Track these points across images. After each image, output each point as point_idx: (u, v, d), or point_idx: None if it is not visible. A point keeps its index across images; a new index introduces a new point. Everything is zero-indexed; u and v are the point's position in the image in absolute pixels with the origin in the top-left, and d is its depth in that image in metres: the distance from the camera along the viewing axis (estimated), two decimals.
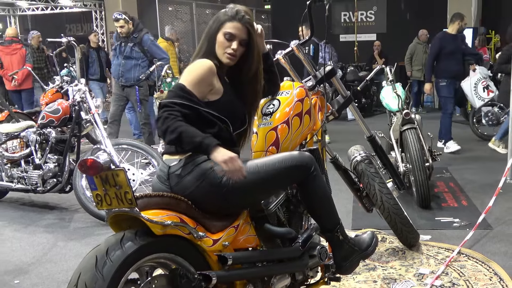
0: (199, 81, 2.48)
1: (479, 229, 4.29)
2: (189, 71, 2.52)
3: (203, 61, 2.53)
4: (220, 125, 2.52)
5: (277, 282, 2.61)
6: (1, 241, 4.59)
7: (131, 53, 7.17)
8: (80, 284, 2.01)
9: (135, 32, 7.17)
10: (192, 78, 2.48)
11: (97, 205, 2.18)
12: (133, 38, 7.15)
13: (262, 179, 2.50)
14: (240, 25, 2.58)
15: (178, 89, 2.46)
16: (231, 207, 2.52)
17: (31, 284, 3.67)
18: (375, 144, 3.85)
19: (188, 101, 2.42)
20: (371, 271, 3.65)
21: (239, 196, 2.48)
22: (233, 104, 2.62)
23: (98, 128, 5.06)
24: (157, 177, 2.52)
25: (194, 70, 2.51)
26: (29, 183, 5.30)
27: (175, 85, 2.51)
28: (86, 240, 4.52)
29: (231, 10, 2.60)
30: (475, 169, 6.66)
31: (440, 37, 7.61)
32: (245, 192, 2.48)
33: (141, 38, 7.16)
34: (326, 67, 3.10)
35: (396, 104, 5.57)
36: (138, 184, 4.96)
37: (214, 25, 2.61)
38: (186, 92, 2.44)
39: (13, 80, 9.66)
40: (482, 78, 8.04)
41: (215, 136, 2.42)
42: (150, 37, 7.31)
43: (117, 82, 7.40)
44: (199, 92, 2.47)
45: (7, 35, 10.04)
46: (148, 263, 2.25)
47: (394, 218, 3.78)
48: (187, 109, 2.41)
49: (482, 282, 3.40)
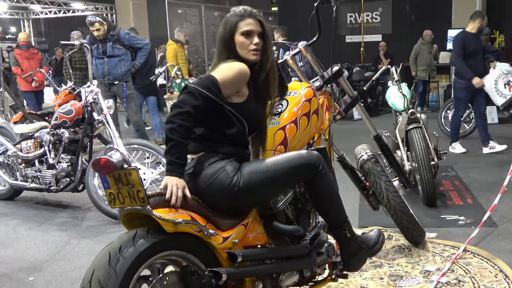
0: (231, 83, 2.50)
1: (484, 227, 4.27)
2: (225, 70, 2.51)
3: (240, 65, 2.53)
4: (238, 126, 2.53)
5: (285, 279, 2.62)
6: (16, 239, 4.61)
7: (113, 51, 7.12)
8: (93, 281, 2.02)
9: (111, 30, 7.12)
10: (226, 77, 2.48)
11: (110, 203, 2.19)
12: (110, 37, 7.08)
13: (271, 178, 2.50)
14: (252, 19, 2.60)
15: (209, 81, 2.44)
16: (241, 205, 2.53)
17: (45, 281, 3.69)
18: (382, 143, 3.84)
19: (216, 96, 2.42)
20: (377, 268, 3.65)
21: (249, 195, 2.48)
22: (253, 108, 2.63)
23: (110, 129, 5.08)
24: None
25: (230, 70, 2.51)
26: (43, 182, 5.33)
27: (207, 76, 2.48)
28: (99, 238, 4.54)
29: (238, 11, 2.63)
30: (480, 167, 6.63)
31: (462, 36, 7.42)
32: (255, 191, 2.49)
33: (118, 35, 7.14)
34: (333, 68, 3.10)
35: (401, 103, 5.57)
36: (148, 183, 4.97)
37: (227, 29, 2.60)
38: (216, 88, 2.44)
39: (34, 81, 10.16)
40: (502, 74, 7.92)
41: (231, 136, 2.49)
42: (125, 30, 7.39)
43: (102, 81, 7.18)
44: (226, 92, 2.48)
45: (21, 40, 10.25)
46: (160, 260, 2.26)
47: (400, 216, 3.77)
48: (210, 103, 2.41)
49: (488, 279, 3.39)
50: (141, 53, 7.35)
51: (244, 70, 2.53)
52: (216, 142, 2.51)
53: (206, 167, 2.44)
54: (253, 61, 2.61)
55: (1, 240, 4.60)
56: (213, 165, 2.44)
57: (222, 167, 2.43)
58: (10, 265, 4.01)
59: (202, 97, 2.38)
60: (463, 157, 7.26)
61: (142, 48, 7.29)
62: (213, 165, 2.45)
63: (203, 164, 2.45)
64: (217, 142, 2.51)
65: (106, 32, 7.01)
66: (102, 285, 2.01)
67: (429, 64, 11.79)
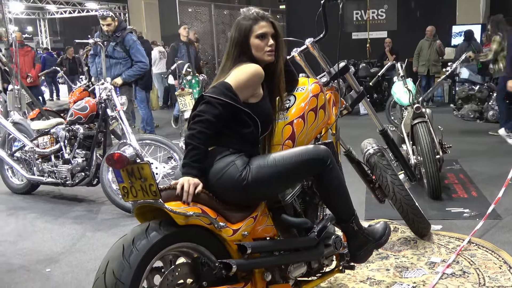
0: (246, 85, 2.51)
1: (488, 219, 4.25)
2: (239, 73, 2.52)
3: (255, 67, 2.54)
4: (252, 126, 2.53)
5: (293, 270, 2.62)
6: (33, 232, 4.64)
7: (113, 53, 6.69)
8: (108, 272, 2.03)
9: (118, 31, 6.71)
10: (241, 81, 2.49)
11: (124, 197, 2.20)
12: (115, 37, 6.67)
13: (279, 173, 2.50)
14: (265, 22, 2.61)
15: (224, 88, 2.45)
16: (250, 199, 2.52)
17: (61, 272, 3.71)
18: (387, 138, 3.83)
19: (233, 100, 2.44)
20: (384, 259, 3.64)
21: (258, 189, 2.48)
22: (267, 108, 2.64)
23: (123, 124, 5.09)
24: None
25: (244, 74, 2.51)
26: (59, 177, 5.36)
27: (221, 83, 2.48)
28: (113, 230, 4.55)
29: (249, 14, 2.63)
30: (484, 161, 6.60)
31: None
32: (263, 185, 2.48)
33: (123, 38, 6.69)
34: (340, 64, 3.09)
35: (407, 98, 5.54)
36: (161, 177, 4.98)
37: (242, 33, 2.60)
38: (232, 93, 2.45)
39: (29, 77, 10.68)
40: None
41: (244, 135, 2.50)
42: (133, 37, 6.85)
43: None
44: (242, 95, 2.49)
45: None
46: (172, 252, 2.27)
47: (406, 209, 3.76)
48: (229, 109, 2.43)
49: (492, 270, 3.37)
50: (133, 68, 6.73)
51: (259, 71, 2.54)
52: (228, 137, 2.51)
53: (216, 161, 2.44)
54: (268, 62, 2.62)
55: (19, 233, 4.63)
56: (223, 160, 2.44)
57: (232, 161, 2.43)
58: (28, 257, 4.03)
59: (220, 105, 2.40)
60: (468, 151, 7.21)
61: (137, 64, 6.69)
62: (223, 159, 2.45)
63: (214, 158, 2.45)
64: (229, 137, 2.51)
65: (113, 31, 6.67)
66: (116, 276, 2.01)
67: (428, 60, 11.76)
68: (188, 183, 2.29)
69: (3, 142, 6.06)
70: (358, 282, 3.30)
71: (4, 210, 5.40)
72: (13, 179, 6.08)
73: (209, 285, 2.26)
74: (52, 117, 6.22)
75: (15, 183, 6.05)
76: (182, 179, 2.31)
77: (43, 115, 6.41)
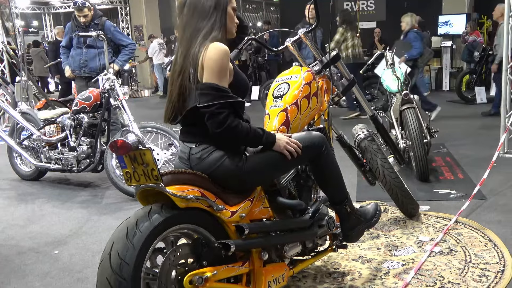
0: (225, 72, 2.32)
1: (474, 200, 4.26)
2: (212, 65, 2.28)
3: (221, 49, 2.30)
4: (242, 106, 2.40)
5: (289, 249, 2.62)
6: (41, 216, 4.64)
7: (94, 42, 5.96)
8: (113, 253, 2.03)
9: (95, 19, 6.10)
10: (218, 71, 2.28)
11: (127, 181, 2.19)
12: (94, 25, 6.04)
13: (276, 160, 2.48)
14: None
15: (212, 90, 2.27)
16: (247, 185, 2.50)
17: (69, 254, 3.72)
18: (377, 123, 3.82)
19: (227, 98, 2.30)
20: (375, 239, 3.65)
21: (254, 176, 2.46)
22: (242, 78, 2.53)
23: (125, 113, 5.07)
24: (179, 158, 2.51)
25: (216, 62, 2.28)
26: (65, 163, 5.36)
27: (206, 86, 2.28)
28: (117, 214, 4.55)
29: None
30: (470, 144, 6.60)
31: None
32: (260, 173, 2.47)
33: (103, 25, 6.07)
34: (331, 53, 3.07)
35: (396, 85, 5.53)
36: (162, 163, 4.98)
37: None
38: (222, 90, 2.28)
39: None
40: None
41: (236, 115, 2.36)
42: (112, 23, 6.31)
43: (78, 74, 6.28)
44: (226, 82, 2.33)
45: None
46: (173, 233, 2.26)
47: (395, 191, 3.76)
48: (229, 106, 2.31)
49: (478, 248, 3.39)
50: (125, 52, 6.17)
51: (226, 52, 2.32)
52: None
53: (212, 152, 2.39)
54: (232, 35, 2.52)
55: (28, 217, 4.62)
56: (219, 150, 2.39)
57: (228, 151, 2.39)
58: (37, 240, 4.03)
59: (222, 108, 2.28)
60: (454, 135, 7.22)
61: (126, 47, 6.15)
62: (219, 150, 2.40)
63: (209, 149, 2.40)
64: None
65: (90, 20, 6.09)
66: (120, 257, 2.01)
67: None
68: (285, 140, 2.45)
69: (11, 131, 6.06)
70: (350, 260, 3.31)
71: (14, 196, 5.40)
72: (22, 166, 6.09)
73: (209, 264, 2.26)
74: (58, 107, 6.19)
75: (23, 170, 6.05)
76: (281, 143, 2.44)
77: (49, 105, 6.37)
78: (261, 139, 2.41)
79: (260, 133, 2.41)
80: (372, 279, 3.02)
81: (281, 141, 2.45)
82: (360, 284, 2.95)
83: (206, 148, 2.41)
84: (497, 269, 3.05)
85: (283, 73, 3.02)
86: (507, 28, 5.83)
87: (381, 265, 3.21)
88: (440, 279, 2.97)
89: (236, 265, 2.39)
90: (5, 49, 9.86)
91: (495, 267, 3.09)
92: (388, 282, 2.97)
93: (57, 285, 3.20)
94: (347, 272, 3.13)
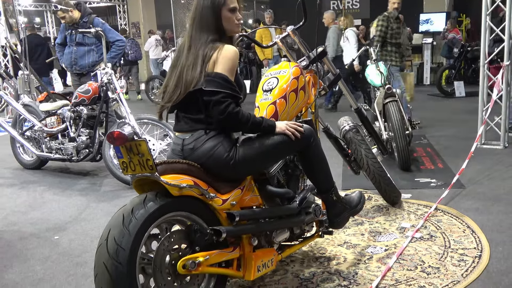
0: (233, 71, 2.39)
1: (453, 188, 4.28)
2: (226, 61, 2.35)
3: (235, 51, 2.39)
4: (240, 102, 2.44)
5: (277, 235, 2.62)
6: (42, 203, 4.61)
7: (83, 39, 5.84)
8: (110, 239, 2.02)
9: (84, 17, 5.86)
10: (230, 68, 2.35)
11: (123, 171, 2.18)
12: (82, 23, 5.81)
13: (266, 151, 2.46)
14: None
15: (222, 80, 2.33)
16: (238, 175, 2.48)
17: (68, 239, 3.69)
18: (361, 115, 3.81)
19: (234, 91, 2.36)
20: (359, 225, 3.66)
21: (245, 166, 2.44)
22: (239, 79, 2.55)
23: (122, 105, 5.06)
24: (172, 151, 2.49)
25: (231, 60, 2.36)
26: (66, 153, 5.34)
27: (217, 75, 2.33)
28: (115, 201, 4.53)
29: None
30: (450, 136, 6.63)
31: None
32: (250, 163, 2.44)
33: (91, 22, 5.82)
34: (318, 49, 3.06)
35: (379, 80, 5.53)
36: (157, 153, 4.96)
37: (215, 3, 2.44)
38: (230, 83, 2.34)
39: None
40: None
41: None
42: (101, 20, 6.00)
43: (71, 71, 6.15)
44: (232, 79, 2.39)
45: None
46: (167, 220, 2.25)
47: (378, 180, 3.76)
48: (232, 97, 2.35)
49: (457, 234, 3.40)
50: (112, 49, 5.79)
51: (237, 54, 2.41)
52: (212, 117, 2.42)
53: (204, 142, 2.38)
54: (235, 33, 2.53)
55: (29, 204, 4.59)
56: (211, 140, 2.38)
57: (220, 142, 2.38)
58: (38, 226, 4.01)
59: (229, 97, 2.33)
60: (435, 126, 7.25)
61: (114, 43, 5.79)
62: (211, 140, 2.38)
63: (202, 139, 2.39)
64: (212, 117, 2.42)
65: (79, 19, 5.83)
66: (117, 242, 2.00)
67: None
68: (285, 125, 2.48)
69: (14, 122, 6.03)
70: (336, 245, 3.31)
71: (16, 184, 5.36)
72: (24, 156, 6.07)
73: (201, 250, 2.25)
74: (59, 99, 6.15)
75: (25, 159, 6.04)
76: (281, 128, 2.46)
77: (50, 97, 6.33)
78: (261, 124, 2.44)
79: (260, 119, 2.45)
80: (357, 263, 3.02)
81: (281, 123, 2.49)
82: (345, 268, 2.96)
83: (199, 139, 2.39)
84: (474, 254, 3.06)
85: (272, 68, 3.01)
86: (484, 26, 5.83)
87: (365, 250, 3.22)
88: (420, 263, 2.97)
89: (227, 250, 2.38)
90: (8, 45, 9.77)
91: (473, 252, 3.10)
92: (372, 266, 2.97)
93: (57, 269, 3.18)
94: (332, 257, 3.13)
